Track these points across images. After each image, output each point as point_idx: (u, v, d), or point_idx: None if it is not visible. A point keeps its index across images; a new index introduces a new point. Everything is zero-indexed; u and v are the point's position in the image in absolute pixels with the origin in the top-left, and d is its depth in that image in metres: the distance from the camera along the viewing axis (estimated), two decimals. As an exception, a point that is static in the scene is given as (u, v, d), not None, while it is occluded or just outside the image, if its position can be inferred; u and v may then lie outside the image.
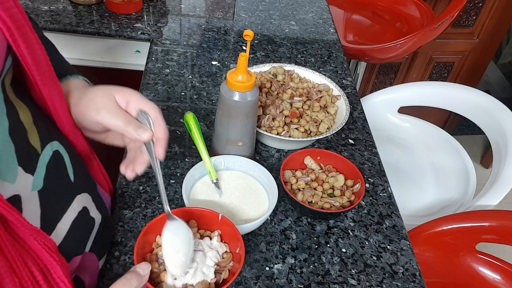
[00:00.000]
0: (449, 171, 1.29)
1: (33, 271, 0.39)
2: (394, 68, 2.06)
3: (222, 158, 0.73)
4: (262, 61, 1.07)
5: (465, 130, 2.29)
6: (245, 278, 0.63)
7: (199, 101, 0.93)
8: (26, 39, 0.41)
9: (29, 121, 0.45)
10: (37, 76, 0.44)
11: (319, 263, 0.66)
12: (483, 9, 1.87)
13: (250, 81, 0.68)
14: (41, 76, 0.45)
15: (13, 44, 0.40)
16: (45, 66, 0.45)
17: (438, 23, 1.37)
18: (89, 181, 0.56)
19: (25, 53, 0.42)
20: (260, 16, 1.26)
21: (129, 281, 0.44)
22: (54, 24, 1.06)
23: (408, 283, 0.65)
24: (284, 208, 0.74)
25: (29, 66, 0.43)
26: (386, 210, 0.76)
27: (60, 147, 0.50)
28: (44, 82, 0.45)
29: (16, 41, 0.40)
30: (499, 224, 0.98)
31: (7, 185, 0.40)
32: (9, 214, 0.36)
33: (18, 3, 0.41)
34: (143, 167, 0.55)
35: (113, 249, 0.63)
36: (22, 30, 0.41)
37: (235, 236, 0.55)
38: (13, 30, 0.39)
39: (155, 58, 1.02)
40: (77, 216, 0.50)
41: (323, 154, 0.77)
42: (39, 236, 0.40)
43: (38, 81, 0.45)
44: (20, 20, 0.40)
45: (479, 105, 1.27)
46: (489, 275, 1.02)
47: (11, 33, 0.39)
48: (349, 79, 1.06)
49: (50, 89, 0.47)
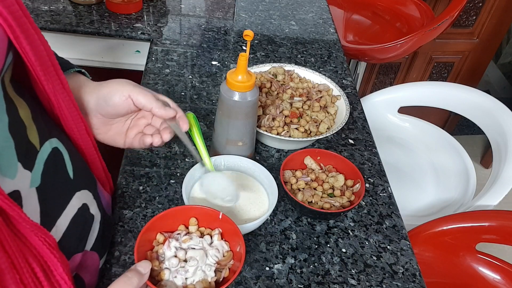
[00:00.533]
0: (449, 171, 1.29)
1: (34, 267, 0.39)
2: (394, 68, 2.06)
3: (222, 158, 0.73)
4: (262, 61, 1.07)
5: (465, 130, 2.29)
6: (245, 278, 0.63)
7: (199, 101, 0.93)
8: (28, 35, 0.41)
9: (28, 118, 0.45)
10: (40, 72, 0.44)
11: (319, 263, 0.66)
12: (483, 9, 1.87)
13: (250, 81, 0.68)
14: (44, 72, 0.45)
15: (14, 41, 0.40)
16: (48, 62, 0.45)
17: (438, 23, 1.37)
18: (89, 179, 0.56)
19: (27, 49, 0.41)
20: (260, 16, 1.26)
21: (130, 280, 0.44)
22: (54, 24, 1.06)
23: (408, 283, 0.65)
24: (284, 208, 0.74)
25: (32, 62, 0.43)
26: (386, 210, 0.76)
27: (59, 144, 0.50)
28: (47, 78, 0.46)
29: (18, 38, 0.40)
30: (499, 224, 0.98)
31: (8, 180, 0.40)
32: (11, 209, 0.36)
33: (19, 0, 0.41)
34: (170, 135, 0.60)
35: (113, 249, 0.63)
36: (24, 26, 0.41)
37: (236, 235, 0.55)
38: (15, 27, 0.39)
39: (155, 58, 1.02)
40: (77, 213, 0.50)
41: (323, 154, 0.77)
42: (40, 232, 0.40)
43: (41, 77, 0.45)
44: (22, 17, 0.40)
45: (479, 105, 1.27)
46: (489, 275, 1.02)
47: (12, 30, 0.39)
48: (349, 79, 1.06)
49: (54, 84, 0.47)
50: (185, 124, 0.61)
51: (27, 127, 0.44)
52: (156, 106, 0.57)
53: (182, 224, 0.57)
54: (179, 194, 0.73)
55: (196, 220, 0.58)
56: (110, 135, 0.61)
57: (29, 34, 0.42)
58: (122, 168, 0.76)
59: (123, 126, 0.62)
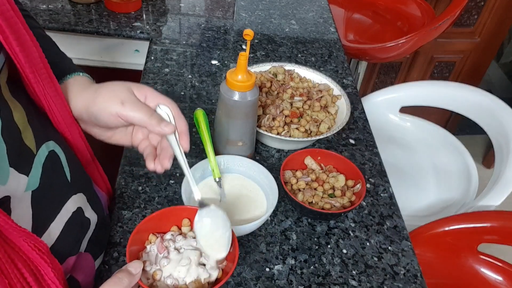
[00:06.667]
0: (451, 171, 1.29)
1: (23, 272, 0.38)
2: (395, 67, 2.06)
3: (222, 158, 0.72)
4: (262, 60, 1.06)
5: (466, 130, 2.28)
6: (245, 279, 0.62)
7: (198, 101, 0.92)
8: (18, 36, 0.41)
9: (24, 121, 0.44)
10: (30, 74, 0.44)
11: (319, 264, 0.66)
12: (485, 8, 1.86)
13: (250, 80, 0.67)
14: (34, 74, 0.44)
15: (3, 42, 0.40)
16: (40, 64, 0.45)
17: (439, 23, 1.36)
18: (85, 181, 0.56)
19: (17, 50, 0.41)
20: (260, 16, 1.25)
21: (120, 280, 0.44)
22: (52, 23, 1.06)
23: (409, 284, 0.65)
24: (285, 208, 0.73)
25: (21, 64, 0.42)
26: (387, 211, 0.76)
27: (56, 147, 0.49)
28: (38, 80, 0.45)
29: (7, 38, 0.40)
30: (501, 225, 0.97)
31: None
32: None
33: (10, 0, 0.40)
34: (170, 161, 0.55)
35: (111, 250, 0.63)
36: (15, 27, 0.40)
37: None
38: (4, 27, 0.39)
39: (154, 58, 1.02)
40: (71, 217, 0.50)
41: (324, 154, 0.76)
42: (29, 238, 0.39)
43: (31, 79, 0.44)
44: (13, 17, 0.40)
45: (481, 104, 1.27)
46: (490, 276, 1.01)
47: (1, 30, 0.39)
48: (349, 79, 1.05)
49: (45, 87, 0.46)
50: (186, 144, 0.54)
51: (22, 131, 0.44)
52: (151, 124, 0.51)
53: (175, 225, 0.57)
54: (179, 195, 0.72)
55: (189, 221, 0.57)
56: (116, 139, 0.58)
57: (20, 35, 0.41)
58: (121, 168, 0.75)
59: (127, 130, 0.58)
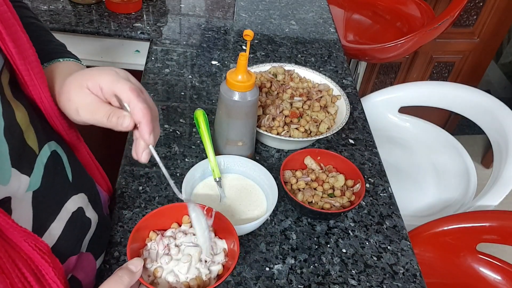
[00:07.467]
0: (450, 171, 1.29)
1: (24, 272, 0.38)
2: (394, 68, 2.06)
3: (222, 158, 0.73)
4: (262, 60, 1.07)
5: (465, 130, 2.28)
6: (245, 279, 0.62)
7: (199, 101, 0.92)
8: (16, 38, 0.41)
9: (26, 121, 0.44)
10: (26, 76, 0.44)
11: (319, 263, 0.66)
12: (484, 9, 1.86)
13: (250, 81, 0.67)
14: (31, 76, 0.44)
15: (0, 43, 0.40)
16: (38, 67, 0.45)
17: (439, 23, 1.36)
18: (88, 181, 0.56)
19: (13, 52, 0.41)
20: (260, 16, 1.25)
21: (121, 278, 0.43)
22: (53, 23, 1.06)
23: (408, 283, 0.65)
24: (284, 208, 0.73)
25: (17, 65, 0.42)
26: (387, 210, 0.76)
27: (58, 147, 0.49)
28: (34, 83, 0.45)
29: (4, 39, 0.40)
30: (499, 225, 0.97)
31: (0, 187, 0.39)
32: None
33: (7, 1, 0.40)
34: (145, 155, 0.49)
35: (112, 250, 0.63)
36: (12, 28, 0.40)
37: (230, 232, 0.55)
38: (0, 29, 0.39)
39: (154, 58, 1.02)
40: (72, 217, 0.50)
41: (323, 154, 0.77)
42: (30, 238, 0.39)
43: (28, 81, 0.44)
44: (10, 18, 0.40)
45: (480, 105, 1.27)
46: (489, 275, 1.01)
47: None
48: (349, 79, 1.06)
49: (39, 90, 0.46)
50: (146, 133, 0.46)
51: (24, 131, 0.44)
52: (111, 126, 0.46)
53: (175, 222, 0.57)
54: (179, 194, 0.72)
55: (189, 218, 0.57)
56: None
57: (17, 37, 0.41)
58: (122, 168, 0.75)
59: None
